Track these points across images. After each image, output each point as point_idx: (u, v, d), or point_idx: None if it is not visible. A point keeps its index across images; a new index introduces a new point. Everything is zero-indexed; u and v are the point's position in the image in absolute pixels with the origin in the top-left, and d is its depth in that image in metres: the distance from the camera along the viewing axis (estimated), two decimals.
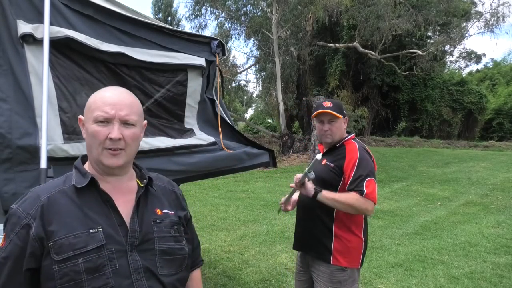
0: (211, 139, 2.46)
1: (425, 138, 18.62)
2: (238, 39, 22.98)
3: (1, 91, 1.67)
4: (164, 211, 1.11)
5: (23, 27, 1.72)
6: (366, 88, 19.49)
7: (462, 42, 18.48)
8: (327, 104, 2.04)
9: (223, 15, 16.40)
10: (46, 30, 1.73)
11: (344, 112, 2.08)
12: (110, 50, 1.99)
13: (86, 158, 1.10)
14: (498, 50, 73.16)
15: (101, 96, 1.03)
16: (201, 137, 2.45)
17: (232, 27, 16.94)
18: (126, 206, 1.04)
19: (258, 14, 16.15)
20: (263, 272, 3.88)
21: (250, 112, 35.39)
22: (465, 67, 24.72)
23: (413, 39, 17.98)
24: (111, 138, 0.99)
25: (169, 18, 27.18)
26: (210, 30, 33.13)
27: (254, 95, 28.82)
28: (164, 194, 1.16)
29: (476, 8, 17.46)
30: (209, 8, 15.84)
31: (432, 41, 17.89)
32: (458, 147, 16.17)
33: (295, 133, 18.43)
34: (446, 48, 18.89)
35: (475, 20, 16.95)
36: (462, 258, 4.28)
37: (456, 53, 20.76)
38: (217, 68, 2.61)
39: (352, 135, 2.13)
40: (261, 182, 9.58)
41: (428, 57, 16.23)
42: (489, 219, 5.88)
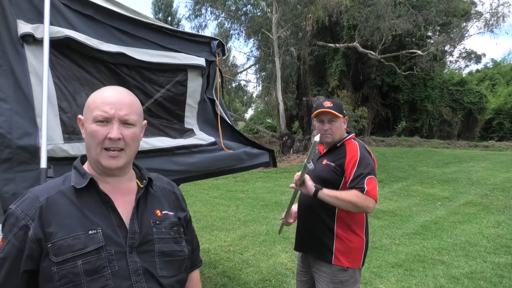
0: (211, 139, 2.46)
1: (425, 138, 18.61)
2: (238, 39, 23.02)
3: (1, 91, 1.67)
4: (164, 212, 1.10)
5: (23, 27, 1.72)
6: (366, 88, 19.49)
7: (462, 42, 18.52)
8: (327, 104, 2.04)
9: (223, 15, 16.40)
10: (46, 30, 1.72)
11: (344, 112, 2.09)
12: (110, 50, 1.99)
13: (86, 158, 1.08)
14: (498, 50, 73.24)
15: (101, 96, 1.02)
16: (201, 137, 2.45)
17: (232, 27, 16.95)
18: (126, 207, 1.03)
19: (258, 14, 16.14)
20: (263, 272, 3.88)
21: (250, 112, 35.42)
22: (465, 67, 24.77)
23: (413, 39, 17.98)
24: (111, 138, 0.98)
25: (169, 18, 27.18)
26: (210, 30, 33.21)
27: (254, 95, 28.85)
28: (164, 195, 1.15)
29: (476, 8, 17.48)
30: (209, 8, 15.83)
31: (432, 41, 17.89)
32: (458, 147, 16.17)
33: (295, 133, 18.43)
34: (446, 48, 18.89)
35: (475, 20, 16.97)
36: (462, 258, 4.28)
37: (456, 53, 20.80)
38: (217, 68, 2.61)
39: (352, 135, 2.14)
40: (261, 182, 9.58)
41: (428, 57, 16.22)
42: (489, 219, 5.87)
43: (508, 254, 4.40)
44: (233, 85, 19.82)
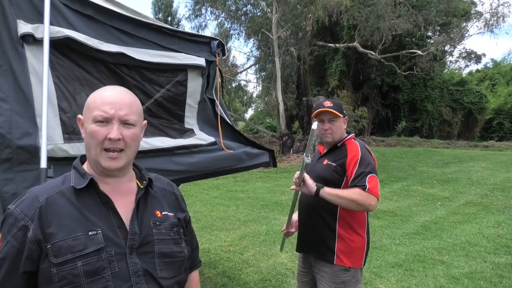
0: (211, 139, 2.46)
1: (425, 138, 18.62)
2: (238, 39, 23.00)
3: (1, 91, 1.67)
4: (164, 213, 1.09)
5: (23, 27, 1.72)
6: (366, 88, 19.50)
7: (462, 42, 18.52)
8: (328, 104, 2.05)
9: (223, 15, 16.39)
10: (46, 30, 1.72)
11: (344, 112, 2.09)
12: (110, 50, 1.99)
13: (85, 158, 1.07)
14: (498, 50, 73.25)
15: (101, 95, 1.01)
16: (201, 137, 2.45)
17: (232, 27, 16.95)
18: (126, 208, 1.03)
19: (258, 14, 16.14)
20: (263, 272, 3.88)
21: (250, 112, 35.41)
22: (465, 67, 24.77)
23: (413, 39, 17.98)
24: (110, 138, 0.97)
25: (169, 18, 27.18)
26: (210, 30, 33.18)
27: (254, 95, 28.87)
28: (164, 196, 1.14)
29: (476, 8, 17.50)
30: (209, 8, 15.83)
31: (432, 41, 17.90)
32: (458, 147, 16.18)
33: (295, 133, 18.42)
34: (446, 48, 18.90)
35: (475, 20, 16.97)
36: (462, 258, 4.28)
37: (456, 53, 20.82)
38: (217, 68, 2.61)
39: (352, 135, 2.14)
40: (261, 182, 9.58)
41: (428, 57, 16.23)
42: (489, 219, 5.87)
43: (508, 254, 4.40)
44: (233, 85, 19.83)
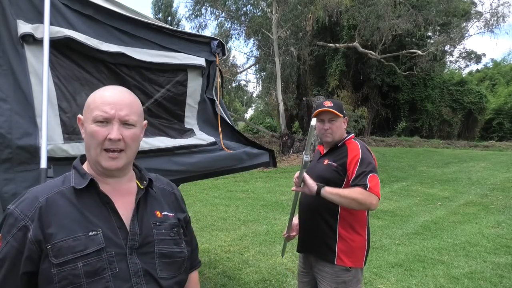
0: (211, 139, 2.46)
1: (425, 138, 18.62)
2: (238, 39, 23.00)
3: (1, 91, 1.67)
4: (164, 213, 1.09)
5: (23, 27, 1.72)
6: (366, 88, 19.50)
7: (462, 42, 18.53)
8: (328, 104, 2.05)
9: (223, 15, 16.39)
10: (46, 30, 1.72)
11: (344, 112, 2.10)
12: (110, 50, 1.99)
13: (85, 158, 1.07)
14: (498, 50, 73.28)
15: (101, 95, 1.01)
16: (201, 137, 2.44)
17: (232, 27, 16.95)
18: (126, 208, 1.02)
19: (258, 14, 16.14)
20: (263, 272, 3.87)
21: (250, 112, 35.42)
22: (465, 67, 24.79)
23: (413, 39, 17.99)
24: (111, 139, 0.97)
25: (169, 18, 27.19)
26: (210, 30, 33.20)
27: (254, 95, 28.89)
28: (164, 196, 1.14)
29: (476, 8, 17.52)
30: (209, 8, 15.83)
31: (432, 41, 17.90)
32: (458, 147, 16.17)
33: (295, 133, 18.41)
34: (446, 48, 18.90)
35: (475, 20, 16.99)
36: (462, 258, 4.28)
37: (456, 53, 20.83)
38: (217, 68, 2.61)
39: (352, 135, 2.14)
40: (261, 182, 9.58)
41: (428, 57, 16.24)
42: (489, 219, 5.87)
43: (508, 254, 4.40)
44: (233, 85, 19.83)
